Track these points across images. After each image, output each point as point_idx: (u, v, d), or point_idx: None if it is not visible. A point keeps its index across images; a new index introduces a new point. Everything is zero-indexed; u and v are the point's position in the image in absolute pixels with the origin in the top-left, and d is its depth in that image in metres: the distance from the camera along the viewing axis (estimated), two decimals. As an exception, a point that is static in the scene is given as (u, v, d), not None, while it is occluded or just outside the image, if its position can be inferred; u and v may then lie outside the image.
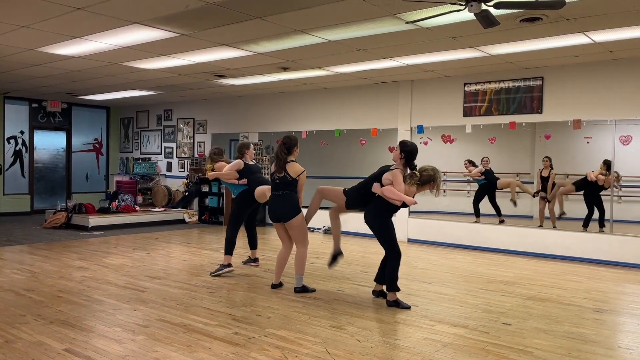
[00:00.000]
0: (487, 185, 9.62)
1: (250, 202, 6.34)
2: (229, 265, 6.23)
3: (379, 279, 5.28)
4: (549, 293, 5.59)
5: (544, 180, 9.12)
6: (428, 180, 4.94)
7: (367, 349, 3.77)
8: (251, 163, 6.48)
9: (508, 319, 4.59)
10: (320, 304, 4.96)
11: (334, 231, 5.46)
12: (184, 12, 5.46)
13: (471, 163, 9.98)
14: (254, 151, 6.85)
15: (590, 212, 8.30)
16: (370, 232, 5.13)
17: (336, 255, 5.37)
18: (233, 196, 6.58)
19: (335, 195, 5.30)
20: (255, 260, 6.87)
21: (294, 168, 5.40)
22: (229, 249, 6.28)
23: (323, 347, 3.79)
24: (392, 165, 5.06)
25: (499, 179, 9.65)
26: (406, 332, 4.24)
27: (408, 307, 4.90)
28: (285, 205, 5.38)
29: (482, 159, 9.78)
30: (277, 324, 4.32)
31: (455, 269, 6.88)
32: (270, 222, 5.69)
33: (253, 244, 6.89)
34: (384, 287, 5.12)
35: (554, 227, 8.55)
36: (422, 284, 5.91)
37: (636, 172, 8.63)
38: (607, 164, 8.08)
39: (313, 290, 5.49)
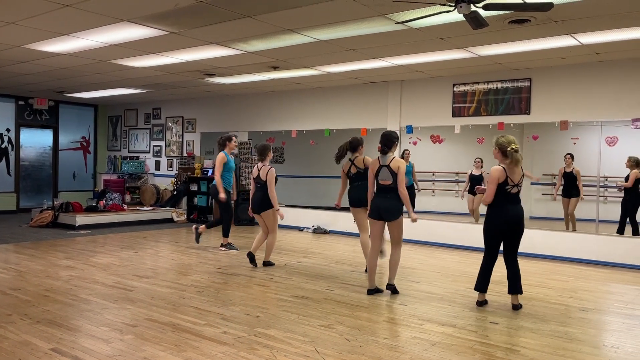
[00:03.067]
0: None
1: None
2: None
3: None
4: (536, 292, 5.65)
5: (569, 177, 8.86)
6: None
7: (356, 348, 3.78)
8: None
9: (495, 318, 4.63)
10: (309, 304, 4.96)
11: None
12: (173, 10, 5.43)
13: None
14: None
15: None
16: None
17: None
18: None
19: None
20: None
21: (360, 160, 6.07)
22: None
23: (312, 346, 3.79)
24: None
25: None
26: (395, 331, 4.26)
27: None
28: (362, 194, 5.83)
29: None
30: (266, 323, 4.32)
31: (444, 269, 6.92)
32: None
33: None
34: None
35: None
36: (410, 283, 5.93)
37: (621, 173, 8.72)
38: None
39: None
